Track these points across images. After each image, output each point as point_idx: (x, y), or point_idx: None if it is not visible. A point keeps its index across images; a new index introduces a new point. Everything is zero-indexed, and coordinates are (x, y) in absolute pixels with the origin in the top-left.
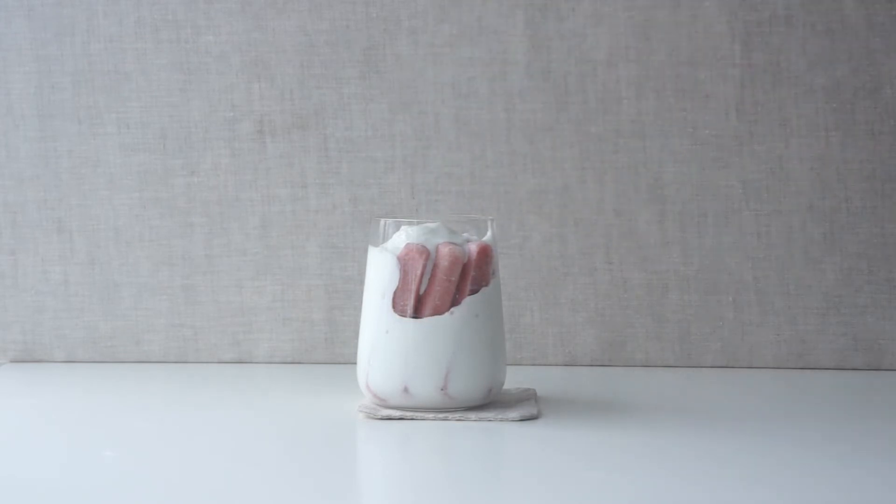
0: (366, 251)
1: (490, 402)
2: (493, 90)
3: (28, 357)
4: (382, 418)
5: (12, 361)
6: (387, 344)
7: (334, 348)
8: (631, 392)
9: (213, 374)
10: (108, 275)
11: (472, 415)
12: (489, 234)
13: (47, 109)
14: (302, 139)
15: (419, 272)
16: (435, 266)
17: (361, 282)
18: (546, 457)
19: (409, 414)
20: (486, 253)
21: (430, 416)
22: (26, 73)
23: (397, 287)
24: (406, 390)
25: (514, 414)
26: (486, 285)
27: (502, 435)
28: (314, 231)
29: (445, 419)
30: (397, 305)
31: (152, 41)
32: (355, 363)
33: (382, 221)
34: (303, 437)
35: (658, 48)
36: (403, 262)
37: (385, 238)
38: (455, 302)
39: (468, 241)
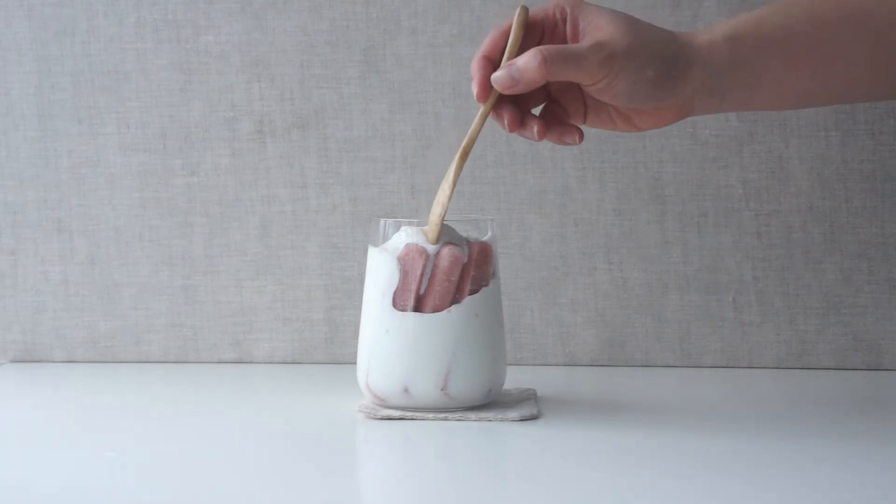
0: (366, 251)
1: (490, 402)
2: None
3: (28, 357)
4: (382, 418)
5: (12, 361)
6: (387, 344)
7: (334, 348)
8: (631, 392)
9: (213, 374)
10: (108, 275)
11: (472, 415)
12: (489, 234)
13: (47, 109)
14: (302, 139)
15: (419, 272)
16: (435, 266)
17: (361, 282)
18: (546, 457)
19: (409, 414)
20: (486, 253)
21: (430, 416)
22: (26, 73)
23: (397, 287)
24: (406, 390)
25: (514, 414)
26: (486, 285)
27: (502, 435)
28: (314, 231)
29: (445, 419)
30: (397, 306)
31: (152, 41)
32: (355, 363)
33: (382, 221)
34: (303, 437)
35: None
36: (403, 263)
37: (385, 238)
38: (455, 301)
39: (468, 241)
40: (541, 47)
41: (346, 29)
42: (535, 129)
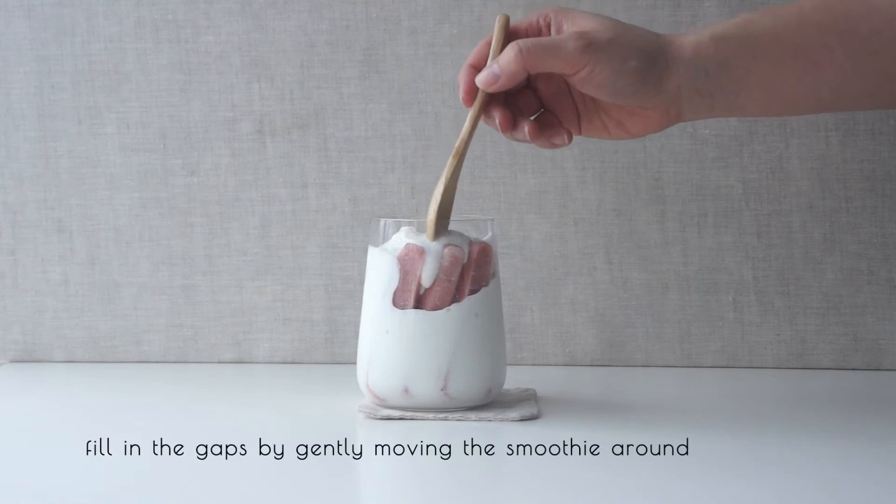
0: (366, 251)
1: (490, 402)
2: None
3: (28, 357)
4: (382, 418)
5: (12, 361)
6: (387, 344)
7: (334, 348)
8: (631, 392)
9: (213, 374)
10: (108, 275)
11: (472, 415)
12: (489, 234)
13: (47, 109)
14: (302, 139)
15: (419, 272)
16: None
17: (361, 282)
18: (546, 457)
19: (409, 414)
20: (486, 253)
21: (430, 416)
22: (26, 73)
23: (397, 287)
24: (406, 390)
25: (514, 414)
26: (486, 285)
27: (502, 435)
28: (314, 231)
29: (445, 419)
30: (397, 306)
31: (152, 41)
32: (355, 363)
33: (382, 221)
34: (303, 437)
35: None
36: (403, 262)
37: (385, 238)
38: (455, 301)
39: (468, 241)
40: (518, 40)
41: (346, 29)
42: (527, 129)
